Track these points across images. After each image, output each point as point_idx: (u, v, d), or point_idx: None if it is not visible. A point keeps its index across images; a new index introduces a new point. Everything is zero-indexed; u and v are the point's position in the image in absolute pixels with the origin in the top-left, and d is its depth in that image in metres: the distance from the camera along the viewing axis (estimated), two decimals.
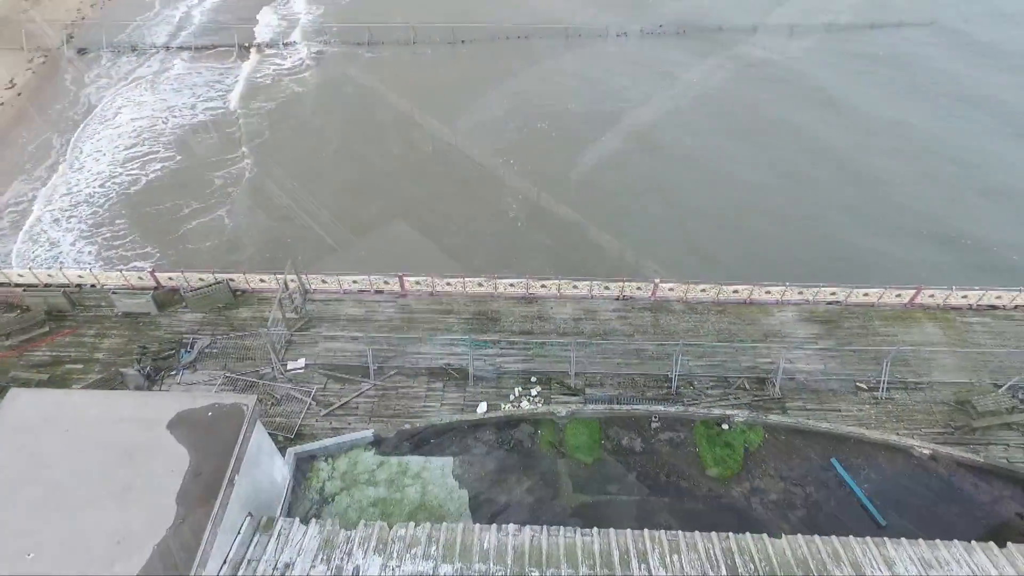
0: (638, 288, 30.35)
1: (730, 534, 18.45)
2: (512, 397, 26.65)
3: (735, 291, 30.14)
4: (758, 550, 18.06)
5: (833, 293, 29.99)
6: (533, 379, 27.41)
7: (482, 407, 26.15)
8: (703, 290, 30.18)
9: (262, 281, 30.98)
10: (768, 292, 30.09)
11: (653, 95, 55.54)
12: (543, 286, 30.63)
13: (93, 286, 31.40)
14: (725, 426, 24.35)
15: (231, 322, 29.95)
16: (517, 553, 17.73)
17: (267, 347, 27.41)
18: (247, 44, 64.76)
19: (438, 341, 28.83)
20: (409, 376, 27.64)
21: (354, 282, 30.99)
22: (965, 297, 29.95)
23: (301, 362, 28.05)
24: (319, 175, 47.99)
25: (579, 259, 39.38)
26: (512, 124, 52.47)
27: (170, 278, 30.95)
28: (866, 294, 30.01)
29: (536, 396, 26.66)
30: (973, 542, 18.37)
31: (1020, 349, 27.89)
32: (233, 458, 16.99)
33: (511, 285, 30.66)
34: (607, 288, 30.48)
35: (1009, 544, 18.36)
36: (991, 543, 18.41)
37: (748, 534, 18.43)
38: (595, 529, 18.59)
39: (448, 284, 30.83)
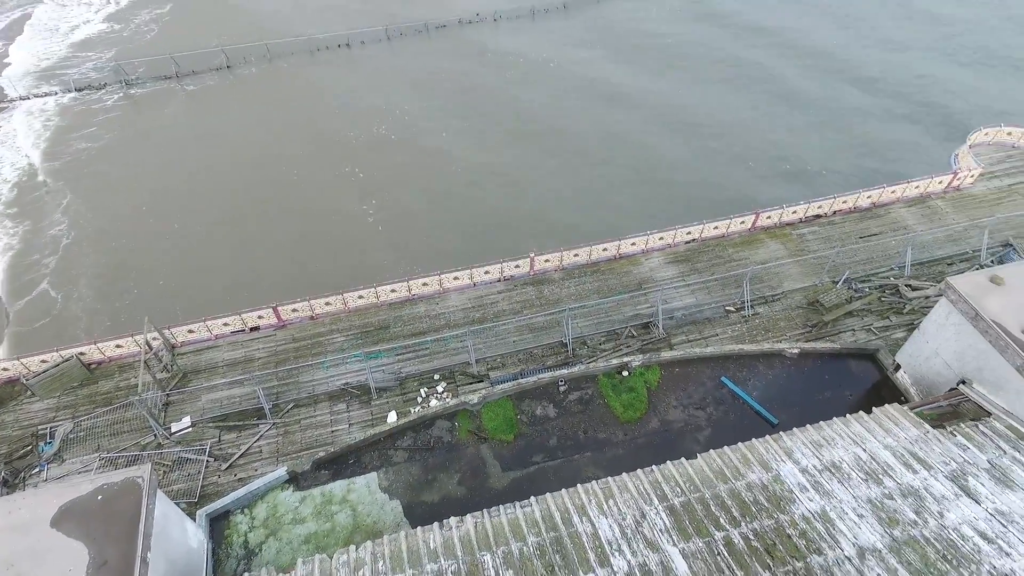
0: (516, 266, 31.13)
1: (653, 467, 19.72)
2: (419, 399, 26.42)
3: (604, 249, 31.87)
4: (680, 474, 19.48)
5: (689, 232, 32.64)
6: (436, 376, 27.33)
7: (391, 416, 25.70)
8: (576, 255, 31.60)
9: (119, 347, 28.08)
10: (633, 244, 32.13)
11: (452, 95, 56.08)
12: (424, 284, 30.50)
13: None
14: (625, 373, 25.82)
15: (93, 399, 26.91)
16: (465, 543, 17.77)
17: (143, 415, 24.99)
18: (24, 95, 57.53)
19: (330, 363, 27.85)
20: (308, 405, 26.48)
21: (225, 324, 28.99)
22: (795, 212, 33.86)
23: (186, 420, 25.88)
24: (151, 224, 44.05)
25: (449, 250, 39.49)
26: (351, 132, 51.35)
27: (4, 368, 27.16)
28: (716, 227, 32.96)
29: (443, 392, 26.64)
30: (848, 415, 21.06)
31: (845, 247, 32.07)
32: (140, 536, 15.43)
33: (392, 291, 30.23)
34: (487, 272, 30.98)
35: (874, 409, 21.26)
36: (860, 412, 21.20)
37: (668, 462, 19.81)
38: (532, 498, 19.09)
39: (327, 303, 29.76)
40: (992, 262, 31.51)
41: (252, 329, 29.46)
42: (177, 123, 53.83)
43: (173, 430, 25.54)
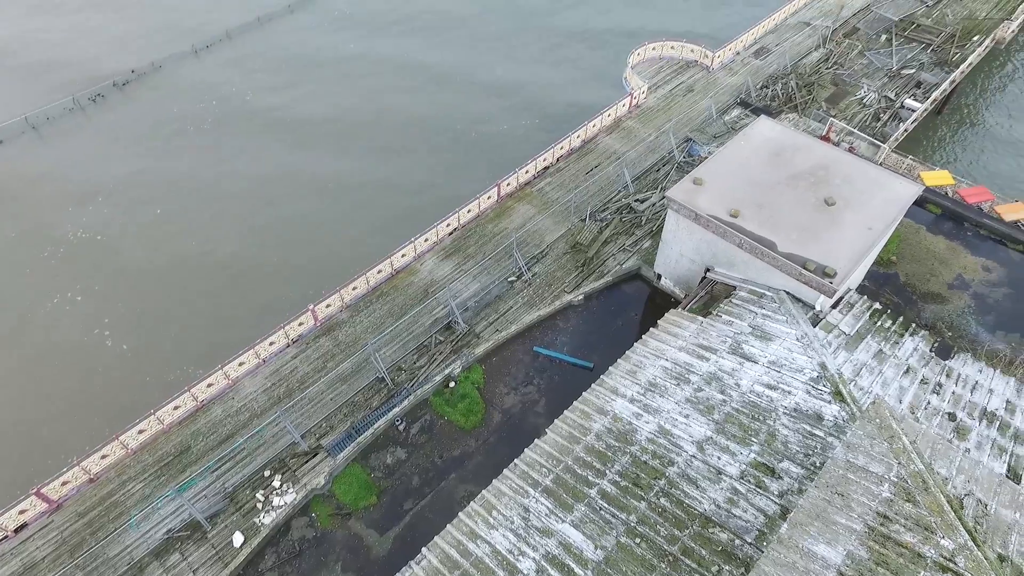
0: (300, 324, 29.41)
1: (515, 461, 20.73)
2: (260, 505, 24.17)
3: (379, 271, 31.48)
4: (540, 454, 20.76)
5: (448, 224, 33.59)
6: (267, 473, 25.15)
7: (237, 538, 23.23)
8: (355, 287, 30.77)
9: None
10: (404, 255, 32.18)
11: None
12: (209, 385, 27.40)
13: None
14: (452, 384, 26.28)
15: None
16: None
17: None
18: None
19: (139, 519, 24.00)
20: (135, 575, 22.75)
21: None
22: (527, 171, 36.62)
23: None
24: None
25: (218, 336, 35.58)
26: (45, 251, 42.66)
27: None
28: (469, 210, 34.35)
29: (281, 486, 24.66)
30: (644, 336, 24.11)
31: (579, 187, 35.74)
32: None
33: (175, 408, 26.68)
34: (272, 343, 28.81)
35: (658, 322, 24.60)
36: (651, 329, 24.41)
37: (525, 450, 20.96)
38: (423, 550, 18.96)
39: (104, 456, 25.32)
40: (684, 157, 37.64)
41: (18, 530, 24.01)
42: None
43: None
